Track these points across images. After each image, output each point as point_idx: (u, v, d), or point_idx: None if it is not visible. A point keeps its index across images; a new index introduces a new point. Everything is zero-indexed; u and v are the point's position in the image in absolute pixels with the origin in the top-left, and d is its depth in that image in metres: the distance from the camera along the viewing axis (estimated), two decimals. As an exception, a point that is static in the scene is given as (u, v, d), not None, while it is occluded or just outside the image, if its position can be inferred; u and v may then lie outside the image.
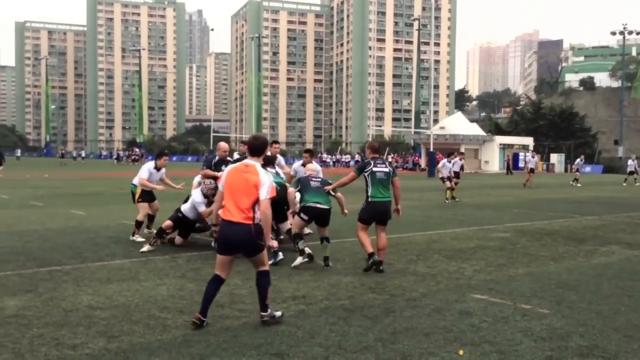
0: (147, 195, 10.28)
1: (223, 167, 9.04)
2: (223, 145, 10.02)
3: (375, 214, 7.82)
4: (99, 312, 5.59)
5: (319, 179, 8.53)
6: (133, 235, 10.03)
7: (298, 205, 8.47)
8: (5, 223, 12.12)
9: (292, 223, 8.54)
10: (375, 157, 7.95)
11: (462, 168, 22.52)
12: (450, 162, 20.70)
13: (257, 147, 5.35)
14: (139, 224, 10.14)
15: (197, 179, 10.14)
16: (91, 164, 65.68)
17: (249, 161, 5.31)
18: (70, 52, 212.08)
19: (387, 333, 5.06)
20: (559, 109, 79.95)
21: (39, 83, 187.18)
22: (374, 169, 7.78)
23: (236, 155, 10.79)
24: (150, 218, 10.50)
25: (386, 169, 7.87)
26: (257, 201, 5.13)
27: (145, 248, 9.00)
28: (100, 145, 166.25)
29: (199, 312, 5.17)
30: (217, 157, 9.89)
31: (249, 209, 5.12)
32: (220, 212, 5.32)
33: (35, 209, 15.13)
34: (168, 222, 9.30)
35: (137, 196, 10.29)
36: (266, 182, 5.17)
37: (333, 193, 8.46)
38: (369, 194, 7.79)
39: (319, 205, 8.07)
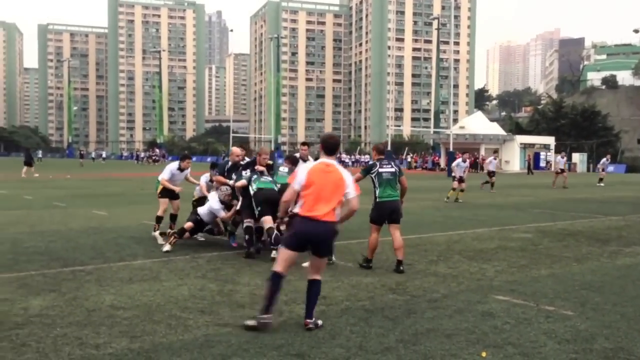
0: (168, 193, 10.57)
1: (233, 175, 9.37)
2: (236, 150, 10.05)
3: (385, 214, 7.98)
4: (121, 311, 5.63)
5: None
6: (154, 231, 10.34)
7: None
8: (29, 223, 12.28)
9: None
10: (381, 159, 8.16)
11: (495, 167, 23.09)
12: (464, 161, 20.50)
13: (332, 146, 5.47)
14: (159, 219, 10.41)
15: (204, 178, 10.39)
16: (112, 165, 66.40)
17: (328, 160, 5.40)
18: (92, 54, 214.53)
19: (408, 334, 5.03)
20: (581, 107, 79.04)
21: (61, 85, 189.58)
22: (380, 169, 7.98)
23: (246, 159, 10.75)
24: (173, 217, 10.64)
25: (392, 169, 8.06)
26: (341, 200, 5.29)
27: (167, 247, 9.08)
28: (121, 146, 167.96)
29: (265, 311, 5.09)
30: (230, 163, 9.89)
31: (335, 208, 5.25)
32: (299, 209, 5.30)
33: (58, 210, 15.32)
34: (189, 224, 9.40)
35: (158, 192, 10.75)
36: (350, 179, 5.38)
37: None
38: (377, 194, 7.97)
39: None
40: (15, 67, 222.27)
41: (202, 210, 9.54)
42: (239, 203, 9.28)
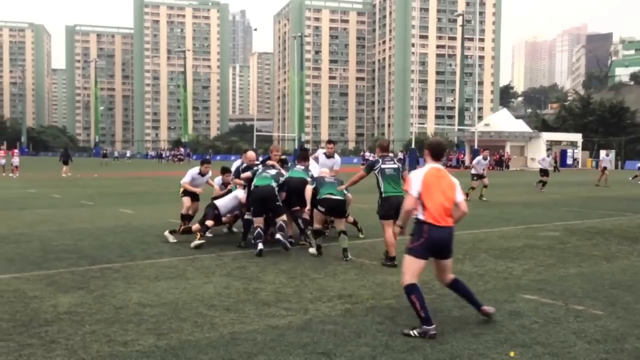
0: (190, 192, 10.91)
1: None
2: (250, 154, 10.32)
3: (391, 208, 8.01)
4: (148, 309, 5.68)
5: (333, 177, 9.47)
6: (179, 229, 10.33)
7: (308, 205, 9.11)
8: (57, 222, 12.47)
9: (313, 218, 9.04)
10: (384, 155, 8.41)
11: (553, 166, 22.46)
12: (485, 159, 20.07)
13: (440, 152, 5.65)
14: (183, 217, 10.66)
15: (218, 180, 10.98)
16: (137, 164, 67.09)
17: (437, 165, 5.46)
18: (118, 55, 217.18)
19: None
20: (609, 104, 77.76)
21: (88, 85, 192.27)
22: (383, 166, 8.19)
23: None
24: (189, 218, 10.85)
25: (395, 165, 8.29)
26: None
27: (196, 243, 9.28)
28: (146, 145, 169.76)
29: (427, 323, 4.95)
30: (244, 164, 10.11)
31: (451, 212, 5.34)
32: (422, 216, 5.28)
33: (85, 208, 15.53)
34: (210, 222, 9.61)
35: (180, 192, 11.08)
36: (457, 183, 5.47)
37: (345, 192, 9.15)
38: (382, 189, 8.17)
39: (332, 196, 8.71)
40: (43, 68, 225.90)
41: (221, 202, 9.85)
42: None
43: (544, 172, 24.11)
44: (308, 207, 9.11)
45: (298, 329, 5.07)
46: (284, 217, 9.03)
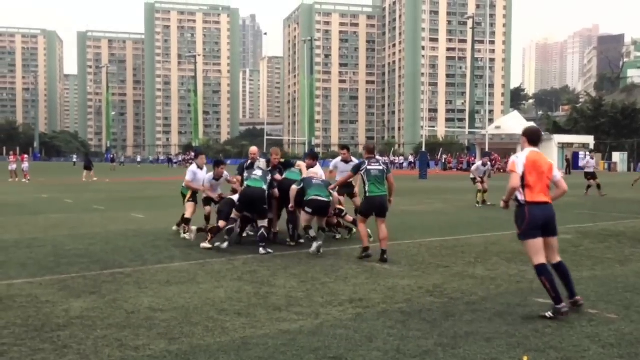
0: (196, 199, 11.13)
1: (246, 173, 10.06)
2: (253, 149, 11.27)
3: (373, 207, 8.72)
4: (159, 314, 5.69)
5: (321, 179, 9.83)
6: (184, 232, 10.58)
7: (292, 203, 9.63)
8: (69, 226, 12.54)
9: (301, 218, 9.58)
10: (370, 157, 8.93)
11: (594, 168, 22.34)
12: (484, 165, 19.15)
13: (538, 138, 6.13)
14: (187, 221, 10.70)
15: (209, 176, 11.07)
16: (148, 169, 67.40)
17: (535, 149, 5.99)
18: (130, 60, 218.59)
19: (447, 337, 4.95)
20: (621, 105, 77.18)
21: (100, 91, 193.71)
22: (369, 167, 8.73)
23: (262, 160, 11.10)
24: (206, 218, 11.10)
25: (380, 167, 8.82)
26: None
27: (206, 245, 9.47)
28: (158, 149, 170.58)
29: (558, 302, 5.52)
30: (249, 161, 10.74)
31: (549, 190, 5.88)
32: (524, 197, 5.80)
33: (97, 213, 15.61)
34: (223, 222, 9.61)
35: (188, 196, 11.15)
36: (554, 165, 6.03)
37: (334, 192, 9.68)
38: (367, 189, 8.72)
39: (319, 198, 9.21)
40: (55, 74, 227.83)
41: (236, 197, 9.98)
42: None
43: (589, 175, 23.11)
44: (291, 204, 9.60)
45: (309, 334, 5.06)
46: (266, 222, 9.35)
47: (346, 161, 10.86)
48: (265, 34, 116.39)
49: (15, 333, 5.06)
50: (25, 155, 38.22)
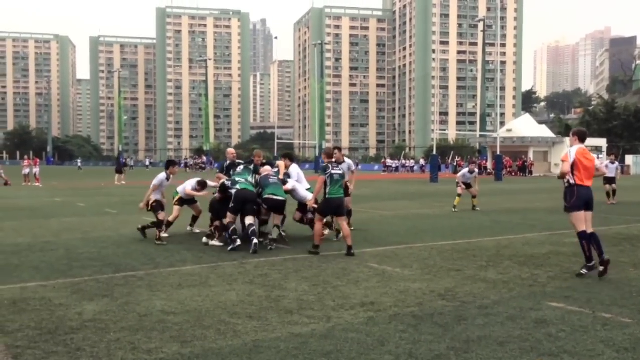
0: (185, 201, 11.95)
1: (232, 172, 10.71)
2: (230, 150, 12.06)
3: (332, 208, 9.55)
4: (172, 317, 5.71)
5: (276, 177, 10.44)
6: (157, 239, 10.63)
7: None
8: (82, 230, 12.62)
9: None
10: (331, 162, 9.81)
11: (618, 172, 20.91)
12: (471, 172, 18.32)
13: (585, 136, 8.19)
14: (165, 224, 11.21)
15: (162, 176, 11.60)
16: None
17: (582, 145, 7.94)
18: (141, 65, 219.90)
19: (459, 342, 4.93)
20: (634, 108, 76.65)
21: (112, 95, 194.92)
22: (332, 171, 9.55)
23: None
24: (194, 219, 12.09)
25: (340, 172, 9.71)
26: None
27: (210, 241, 10.25)
28: (169, 153, 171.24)
29: (588, 261, 7.60)
30: (228, 161, 11.40)
31: (591, 176, 7.83)
32: (575, 179, 7.69)
33: (110, 216, 15.70)
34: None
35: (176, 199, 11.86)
36: (596, 157, 8.11)
37: (315, 205, 10.28)
38: (327, 191, 9.45)
39: (274, 197, 9.93)
40: (68, 79, 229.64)
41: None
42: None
43: (608, 180, 20.74)
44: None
45: (321, 337, 5.05)
46: (253, 219, 9.88)
47: (339, 162, 10.96)
48: (276, 38, 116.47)
49: (29, 336, 5.09)
50: (38, 160, 38.56)
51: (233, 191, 10.08)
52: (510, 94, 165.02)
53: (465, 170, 18.63)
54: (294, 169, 11.18)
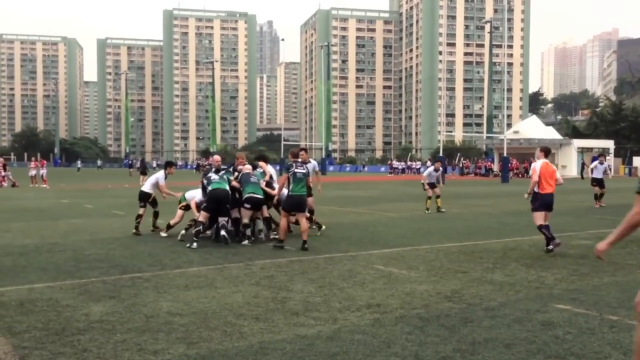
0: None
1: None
2: (216, 157, 12.66)
3: (294, 205, 10.17)
4: (178, 318, 5.72)
5: (256, 177, 11.07)
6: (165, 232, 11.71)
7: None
8: (89, 231, 12.67)
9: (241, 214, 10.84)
10: (296, 161, 10.59)
11: (605, 172, 19.92)
12: (437, 170, 18.19)
13: (548, 151, 10.64)
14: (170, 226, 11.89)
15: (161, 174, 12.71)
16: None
17: (546, 160, 10.32)
18: (148, 67, 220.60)
19: (465, 343, 4.92)
20: (642, 109, 76.20)
21: (119, 97, 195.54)
22: (295, 170, 10.25)
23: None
24: (155, 214, 12.64)
25: (304, 171, 10.38)
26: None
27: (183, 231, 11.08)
28: (175, 155, 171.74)
29: (553, 241, 9.78)
30: (213, 168, 11.63)
31: (553, 184, 10.13)
32: (539, 189, 10.09)
33: (117, 218, 15.75)
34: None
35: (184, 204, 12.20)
36: (556, 169, 10.39)
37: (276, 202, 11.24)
38: (290, 189, 10.17)
39: (255, 195, 10.57)
40: (75, 81, 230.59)
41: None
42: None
43: (596, 181, 19.82)
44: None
45: (327, 339, 5.05)
46: (226, 219, 10.49)
47: (304, 162, 11.39)
48: (282, 39, 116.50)
49: (36, 337, 5.11)
50: (45, 162, 38.75)
51: (208, 190, 10.70)
52: (517, 96, 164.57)
53: (431, 168, 18.49)
54: (270, 169, 11.95)
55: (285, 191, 10.73)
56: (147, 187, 12.71)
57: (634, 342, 3.68)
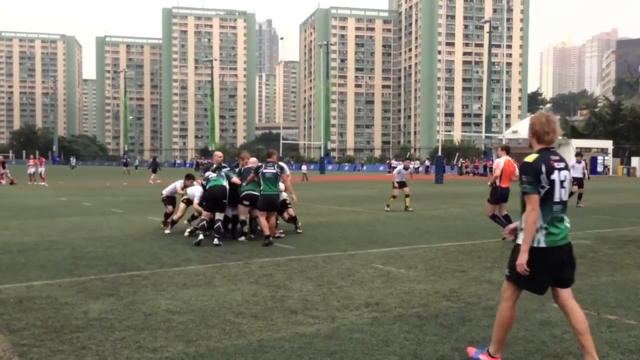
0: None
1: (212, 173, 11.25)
2: (218, 153, 12.34)
3: (266, 203, 10.64)
4: (177, 316, 5.73)
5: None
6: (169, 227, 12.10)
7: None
8: (88, 229, 12.67)
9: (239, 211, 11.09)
10: (268, 161, 10.93)
11: (584, 174, 19.66)
12: (406, 169, 18.38)
13: (509, 150, 11.57)
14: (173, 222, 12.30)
15: (180, 183, 12.99)
16: (166, 172, 67.67)
17: (508, 157, 11.39)
18: (147, 65, 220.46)
19: (464, 342, 4.93)
20: (641, 110, 76.25)
21: (118, 95, 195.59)
22: (264, 170, 10.69)
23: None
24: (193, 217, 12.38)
25: (274, 171, 10.78)
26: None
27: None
28: (174, 153, 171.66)
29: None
30: (214, 165, 11.73)
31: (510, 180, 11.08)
32: (499, 183, 11.22)
33: (115, 216, 15.74)
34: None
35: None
36: (516, 166, 10.61)
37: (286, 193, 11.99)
38: (261, 188, 10.64)
39: (253, 192, 10.78)
40: (74, 79, 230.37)
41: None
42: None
43: (576, 180, 19.89)
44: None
45: (325, 337, 5.06)
46: (222, 215, 10.74)
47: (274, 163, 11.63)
48: (282, 38, 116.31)
49: (35, 334, 5.12)
50: (43, 159, 38.75)
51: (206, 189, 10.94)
52: (516, 95, 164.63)
53: (401, 166, 18.60)
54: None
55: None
56: (169, 191, 13.07)
57: None
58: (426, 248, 10.20)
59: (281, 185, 11.39)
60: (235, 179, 11.03)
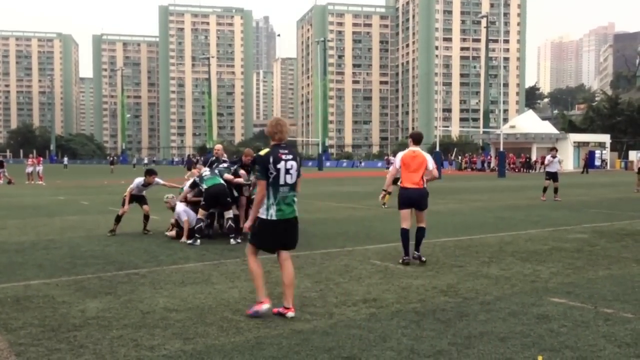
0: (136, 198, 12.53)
1: (214, 167, 11.20)
2: (218, 146, 12.25)
3: (211, 197, 10.46)
4: (174, 314, 5.73)
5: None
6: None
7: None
8: (85, 228, 12.67)
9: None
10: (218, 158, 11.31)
11: (558, 169, 19.74)
12: (388, 164, 18.15)
13: (418, 138, 8.46)
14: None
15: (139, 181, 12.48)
16: (163, 170, 67.68)
17: (415, 148, 8.28)
18: (144, 63, 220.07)
19: (461, 337, 4.94)
20: (638, 104, 76.42)
21: (115, 93, 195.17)
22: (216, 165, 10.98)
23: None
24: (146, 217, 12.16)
25: (225, 165, 11.04)
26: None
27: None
28: (172, 151, 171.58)
29: (405, 255, 8.20)
30: (213, 157, 11.83)
31: (420, 178, 8.14)
32: (400, 183, 8.34)
33: (112, 214, 15.65)
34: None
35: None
36: (430, 158, 8.29)
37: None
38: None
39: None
40: (71, 77, 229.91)
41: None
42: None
43: (550, 175, 19.88)
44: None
45: (323, 334, 5.06)
46: (231, 213, 10.46)
47: (219, 159, 11.72)
48: (279, 35, 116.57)
49: (32, 333, 5.11)
50: (41, 159, 38.75)
51: (203, 187, 10.51)
52: (514, 90, 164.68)
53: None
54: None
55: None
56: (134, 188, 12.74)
57: None
58: (424, 243, 10.17)
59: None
60: (228, 176, 10.82)
